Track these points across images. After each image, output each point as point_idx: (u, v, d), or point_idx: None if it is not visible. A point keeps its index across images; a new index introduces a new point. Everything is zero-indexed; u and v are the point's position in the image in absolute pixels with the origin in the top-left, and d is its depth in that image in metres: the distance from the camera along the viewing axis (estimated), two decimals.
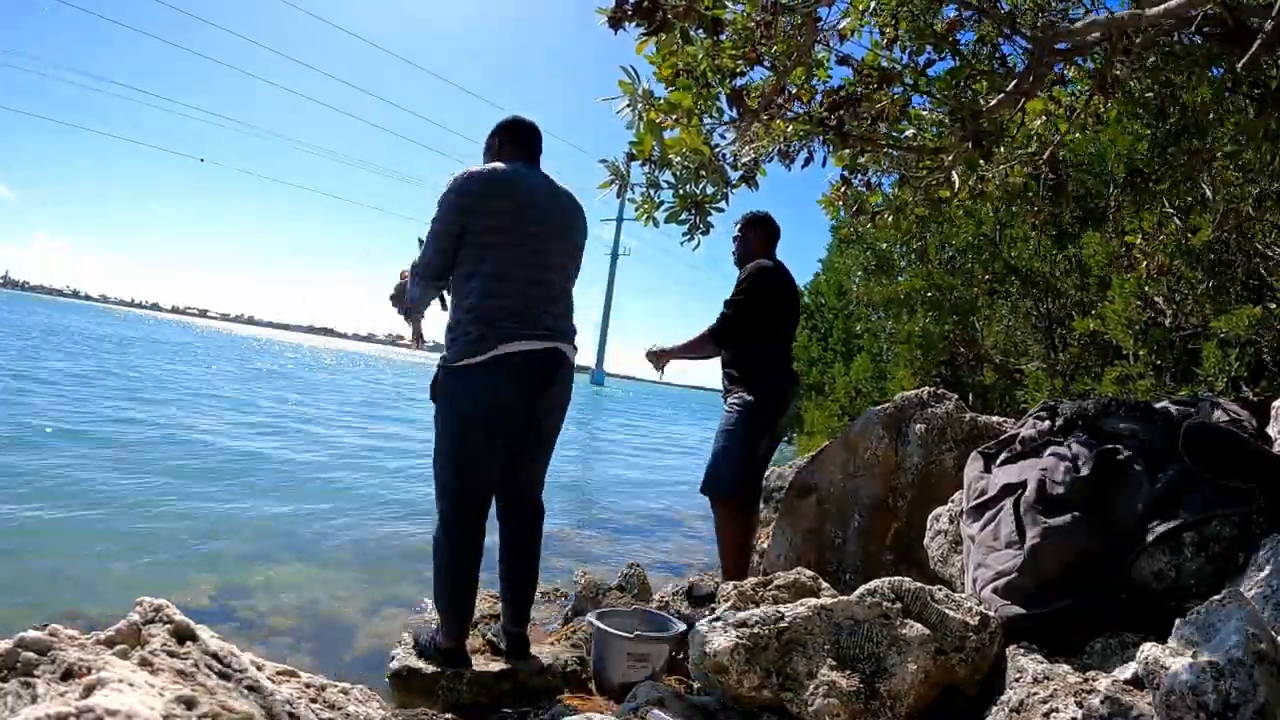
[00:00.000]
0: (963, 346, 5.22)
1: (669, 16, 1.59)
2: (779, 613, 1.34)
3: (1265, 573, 1.23)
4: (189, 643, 1.05)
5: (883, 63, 1.93)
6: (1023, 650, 1.32)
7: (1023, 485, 1.61)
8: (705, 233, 1.98)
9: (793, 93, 1.89)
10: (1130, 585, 1.40)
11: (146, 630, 1.04)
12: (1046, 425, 1.80)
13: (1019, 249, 4.56)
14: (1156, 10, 1.60)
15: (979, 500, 1.75)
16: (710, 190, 1.95)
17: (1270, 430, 1.70)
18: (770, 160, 2.01)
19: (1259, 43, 1.46)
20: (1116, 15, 1.75)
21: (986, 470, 1.85)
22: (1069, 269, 4.28)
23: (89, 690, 0.82)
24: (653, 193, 1.95)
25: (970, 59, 1.93)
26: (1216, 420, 1.58)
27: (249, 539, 3.43)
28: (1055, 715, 1.10)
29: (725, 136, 1.92)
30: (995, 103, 1.92)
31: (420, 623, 2.17)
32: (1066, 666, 1.23)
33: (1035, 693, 1.17)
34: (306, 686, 1.23)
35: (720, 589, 1.71)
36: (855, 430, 2.68)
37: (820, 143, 1.97)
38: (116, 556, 2.93)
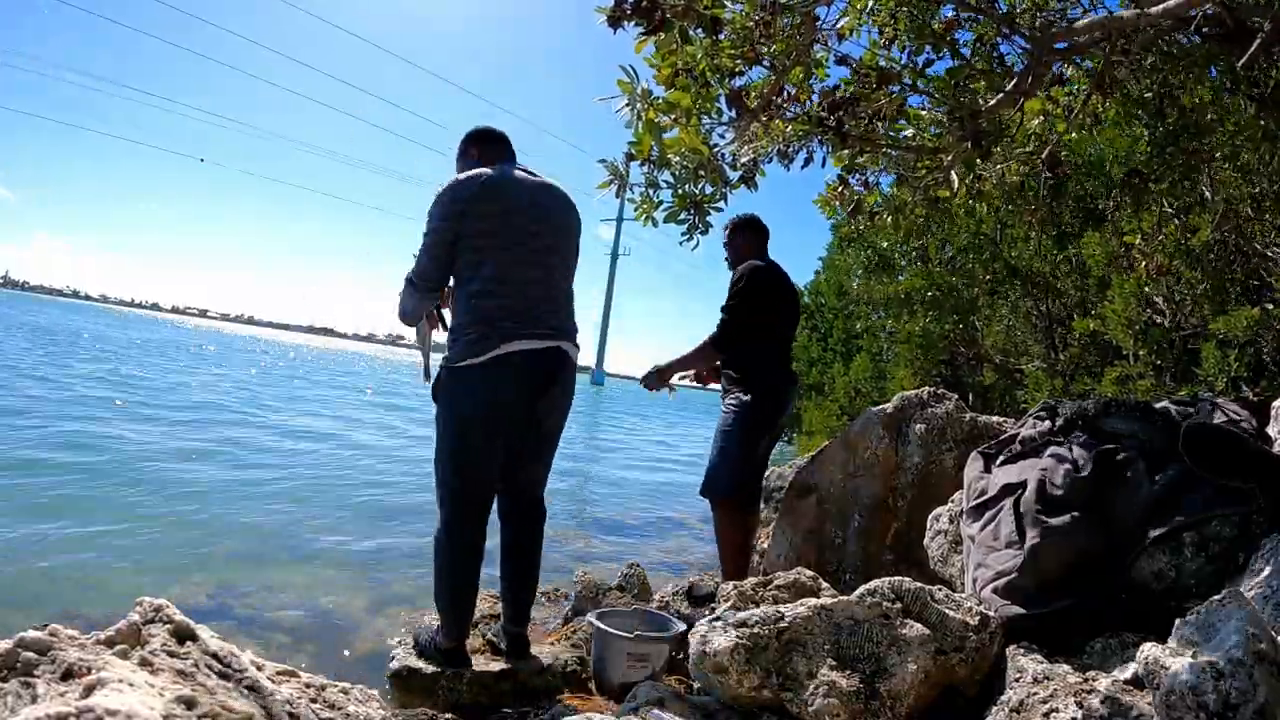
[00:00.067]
0: (963, 346, 5.22)
1: (668, 16, 1.59)
2: (779, 613, 1.34)
3: (1265, 573, 1.23)
4: (189, 643, 1.05)
5: (881, 62, 1.93)
6: (1023, 650, 1.32)
7: (1023, 485, 1.61)
8: (704, 232, 1.98)
9: (791, 93, 1.89)
10: (1130, 585, 1.40)
11: (146, 630, 1.04)
12: (1046, 425, 1.80)
13: (1019, 249, 4.56)
14: (1156, 10, 1.60)
15: (979, 500, 1.74)
16: (709, 190, 1.95)
17: (1270, 430, 1.70)
18: (769, 160, 2.01)
19: (1258, 43, 1.46)
20: (1116, 15, 1.75)
21: (986, 470, 1.85)
22: (1069, 269, 4.28)
23: (89, 690, 0.82)
24: (652, 193, 1.95)
25: (969, 59, 1.93)
26: (1216, 420, 1.58)
27: (249, 539, 3.43)
28: (1055, 715, 1.10)
29: (724, 136, 1.92)
30: (994, 102, 1.92)
31: (420, 623, 2.17)
32: (1066, 666, 1.23)
33: (1035, 693, 1.17)
34: (306, 686, 1.23)
35: (720, 589, 1.71)
36: (855, 430, 2.68)
37: (819, 143, 1.97)
38: (116, 557, 2.94)
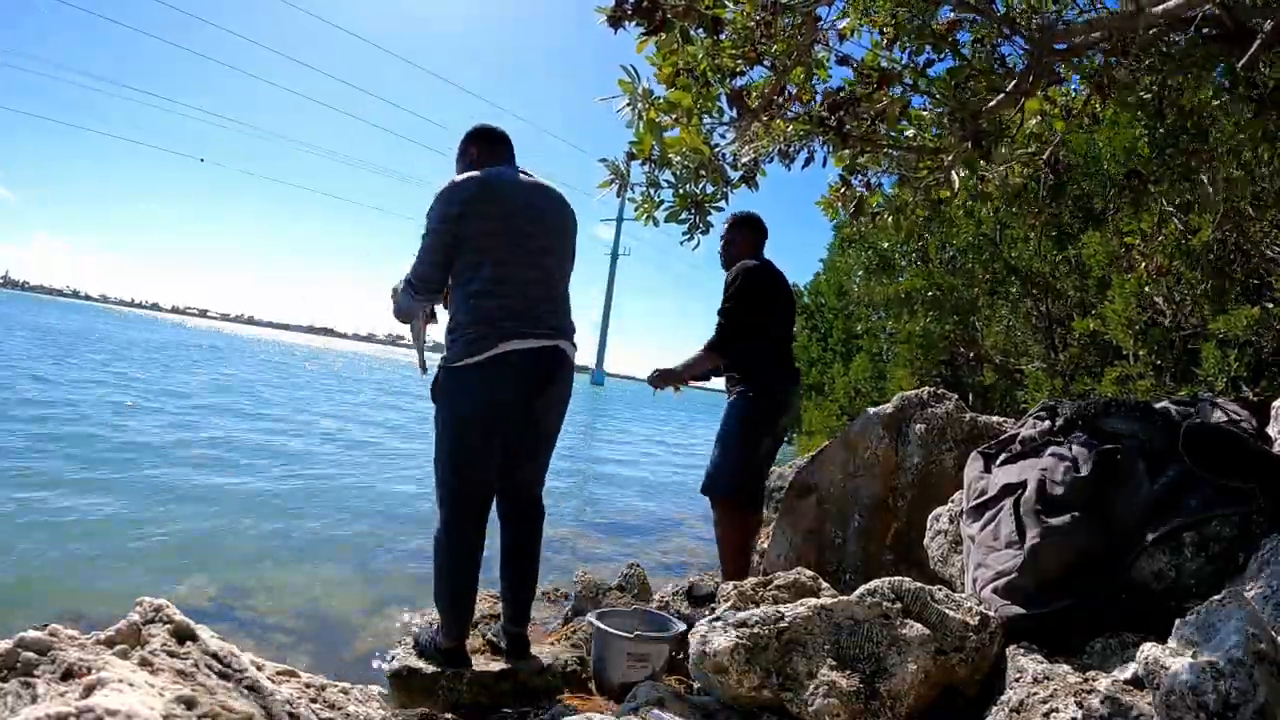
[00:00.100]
0: (963, 346, 5.22)
1: (669, 16, 1.59)
2: (779, 613, 1.34)
3: (1265, 573, 1.23)
4: (189, 643, 1.05)
5: (882, 63, 1.93)
6: (1023, 650, 1.32)
7: (1023, 485, 1.61)
8: (705, 232, 1.98)
9: (793, 93, 1.89)
10: (1130, 585, 1.40)
11: (146, 630, 1.04)
12: (1046, 425, 1.80)
13: (1019, 249, 4.56)
14: (1156, 11, 1.60)
15: (979, 500, 1.74)
16: (710, 190, 1.95)
17: (1270, 430, 1.70)
18: (770, 160, 2.00)
19: (1258, 43, 1.46)
20: (1116, 16, 1.75)
21: (986, 470, 1.85)
22: (1069, 269, 4.28)
23: (89, 690, 0.82)
24: (652, 192, 1.95)
25: (970, 59, 1.93)
26: (1216, 420, 1.58)
27: (249, 539, 3.43)
28: (1055, 715, 1.10)
29: (725, 136, 1.92)
30: (995, 103, 1.92)
31: (420, 623, 2.17)
32: (1066, 666, 1.23)
33: (1035, 693, 1.17)
34: (306, 686, 1.23)
35: (720, 589, 1.71)
36: (855, 430, 2.68)
37: (820, 143, 1.97)
38: (116, 557, 2.93)
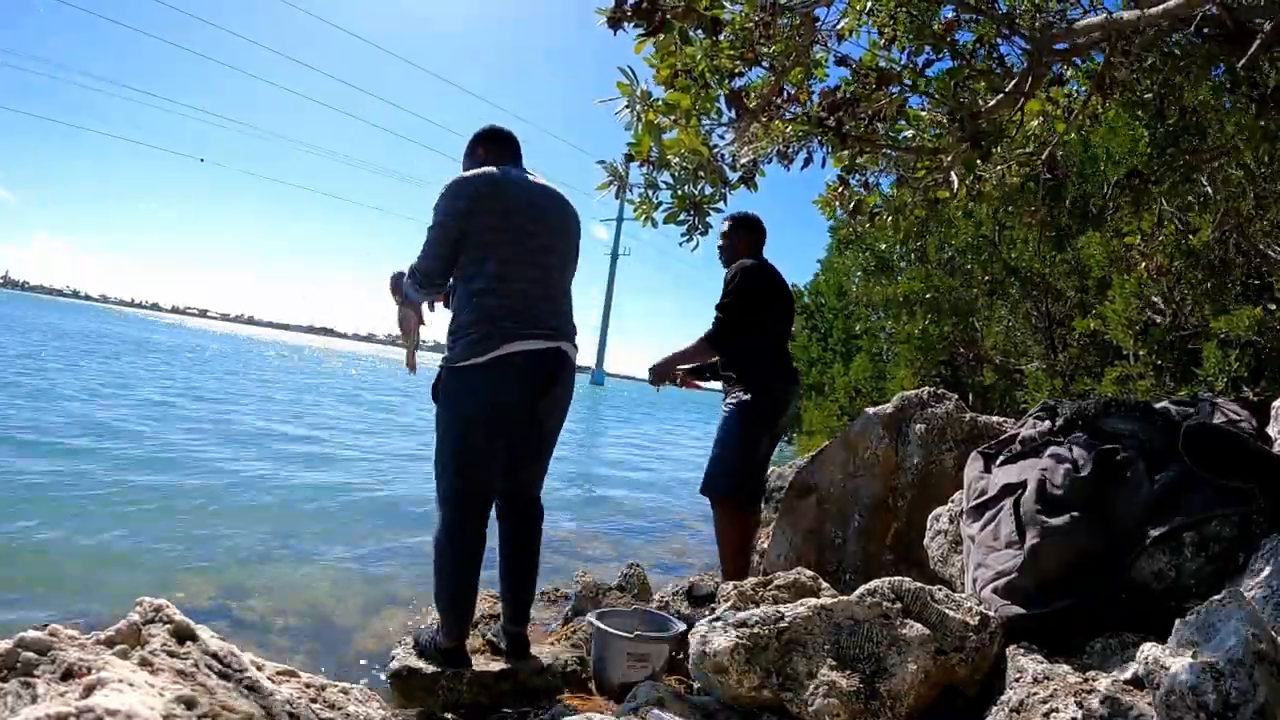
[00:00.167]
0: (963, 347, 5.22)
1: (668, 17, 1.59)
2: (779, 613, 1.34)
3: (1265, 573, 1.23)
4: (189, 643, 1.05)
5: (881, 63, 1.93)
6: (1023, 650, 1.32)
7: (1023, 485, 1.61)
8: (704, 233, 1.98)
9: (791, 93, 1.89)
10: (1130, 585, 1.40)
11: (146, 630, 1.04)
12: (1046, 425, 1.80)
13: (1018, 250, 4.56)
14: (1156, 11, 1.60)
15: (979, 500, 1.74)
16: (709, 191, 1.95)
17: (1270, 430, 1.70)
18: (769, 161, 2.01)
19: (1259, 43, 1.46)
20: (1116, 16, 1.75)
21: (986, 470, 1.85)
22: (1068, 270, 4.28)
23: (89, 690, 0.82)
24: (651, 193, 1.95)
25: (969, 59, 1.93)
26: (1216, 420, 1.58)
27: (249, 539, 3.43)
28: (1055, 715, 1.10)
29: (724, 137, 1.92)
30: (994, 103, 1.92)
31: (420, 623, 2.17)
32: (1066, 666, 1.23)
33: (1035, 693, 1.17)
34: (306, 686, 1.23)
35: (720, 589, 1.71)
36: (855, 430, 2.68)
37: (819, 143, 1.97)
38: (117, 557, 2.94)
